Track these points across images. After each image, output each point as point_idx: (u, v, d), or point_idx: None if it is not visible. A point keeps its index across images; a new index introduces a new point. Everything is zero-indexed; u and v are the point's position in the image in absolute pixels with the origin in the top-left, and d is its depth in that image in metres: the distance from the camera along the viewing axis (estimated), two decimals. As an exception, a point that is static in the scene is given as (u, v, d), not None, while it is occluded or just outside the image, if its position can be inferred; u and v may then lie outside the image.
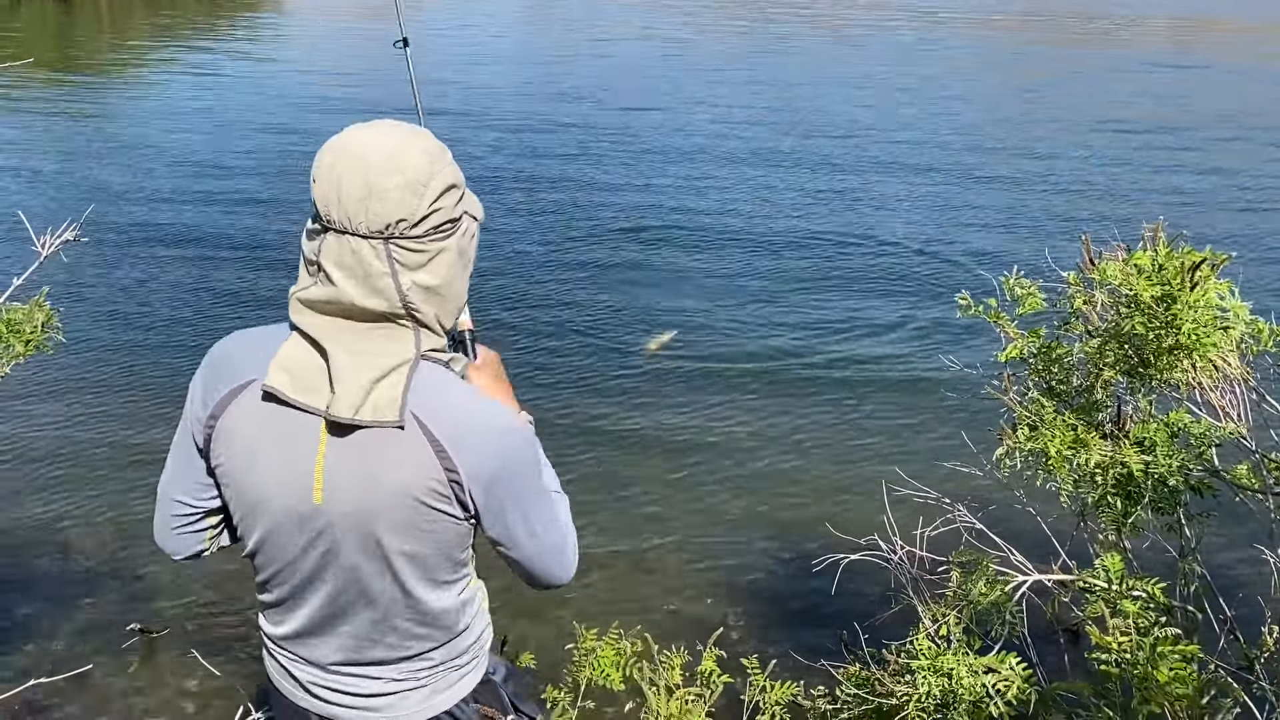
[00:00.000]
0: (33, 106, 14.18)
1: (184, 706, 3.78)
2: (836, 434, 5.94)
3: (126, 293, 7.84)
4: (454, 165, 1.63)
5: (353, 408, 1.56)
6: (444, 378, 1.65)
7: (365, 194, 1.52)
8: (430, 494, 1.61)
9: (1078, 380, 2.87)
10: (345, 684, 1.83)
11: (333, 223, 1.54)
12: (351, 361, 1.58)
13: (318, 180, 1.55)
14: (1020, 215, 10.15)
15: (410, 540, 1.67)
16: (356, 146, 1.55)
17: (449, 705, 1.87)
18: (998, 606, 2.58)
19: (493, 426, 1.66)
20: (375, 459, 1.60)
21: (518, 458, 1.69)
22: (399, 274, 1.56)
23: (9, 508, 5.01)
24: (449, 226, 1.61)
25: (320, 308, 1.59)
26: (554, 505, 1.81)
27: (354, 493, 1.63)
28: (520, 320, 7.36)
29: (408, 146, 1.56)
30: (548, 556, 1.81)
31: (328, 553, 1.69)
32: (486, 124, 13.38)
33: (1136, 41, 23.21)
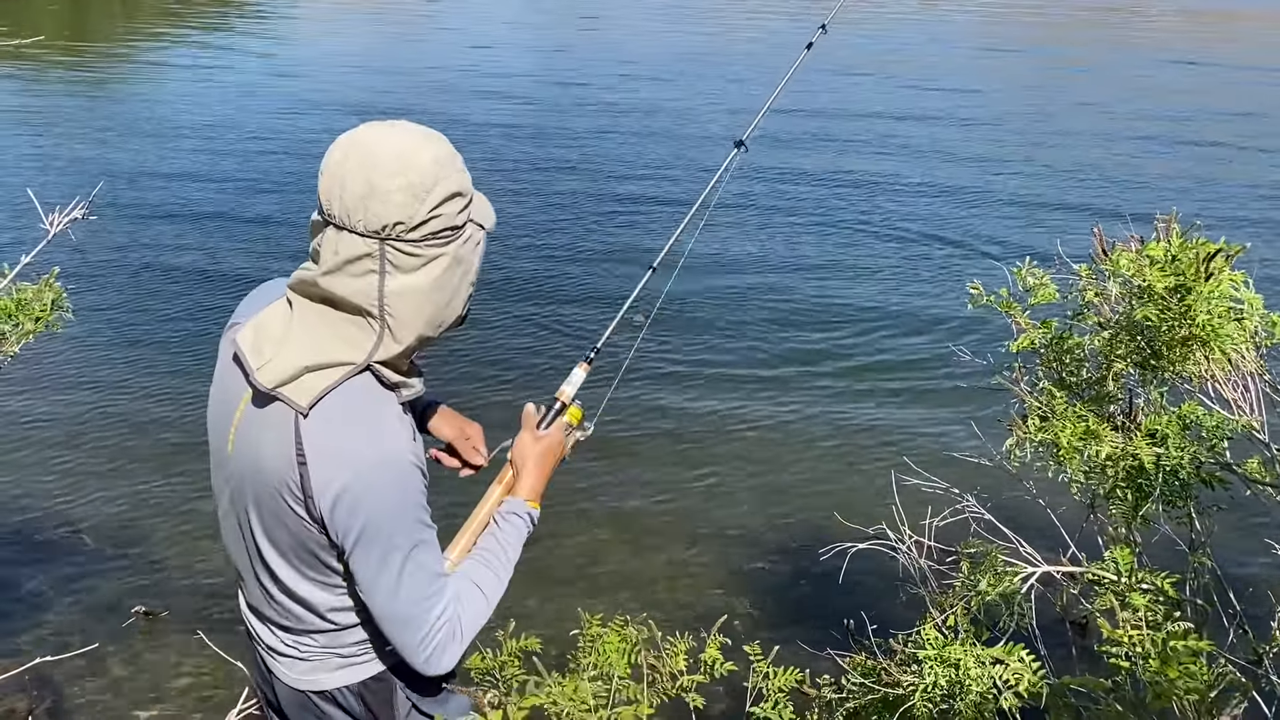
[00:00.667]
0: (44, 87, 14.20)
1: (185, 687, 3.80)
2: (845, 423, 5.93)
3: (135, 273, 7.86)
4: (463, 173, 1.62)
5: (275, 380, 1.60)
6: (366, 397, 1.64)
7: (367, 192, 1.53)
8: (286, 490, 1.64)
9: (1089, 372, 2.86)
10: (260, 632, 1.92)
11: (333, 217, 1.56)
12: (302, 341, 1.61)
13: (325, 173, 1.56)
14: (1035, 206, 10.11)
15: (269, 520, 1.71)
16: (366, 144, 1.56)
17: (331, 686, 1.89)
18: (1006, 598, 2.57)
19: (358, 453, 1.61)
20: (262, 437, 1.65)
21: (370, 492, 1.61)
22: (388, 275, 1.57)
23: (18, 486, 5.03)
24: (449, 234, 1.61)
25: (305, 289, 1.62)
26: (411, 571, 1.67)
27: (244, 457, 1.70)
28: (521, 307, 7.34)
29: (416, 149, 1.56)
30: (396, 626, 1.70)
31: (232, 498, 1.79)
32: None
33: (1160, 34, 23.07)
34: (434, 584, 1.71)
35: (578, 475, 5.21)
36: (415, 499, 1.66)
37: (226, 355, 1.76)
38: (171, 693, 3.77)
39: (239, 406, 1.71)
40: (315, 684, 1.89)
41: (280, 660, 1.90)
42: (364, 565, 1.65)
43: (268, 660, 1.93)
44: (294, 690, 1.92)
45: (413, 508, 1.65)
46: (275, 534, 1.72)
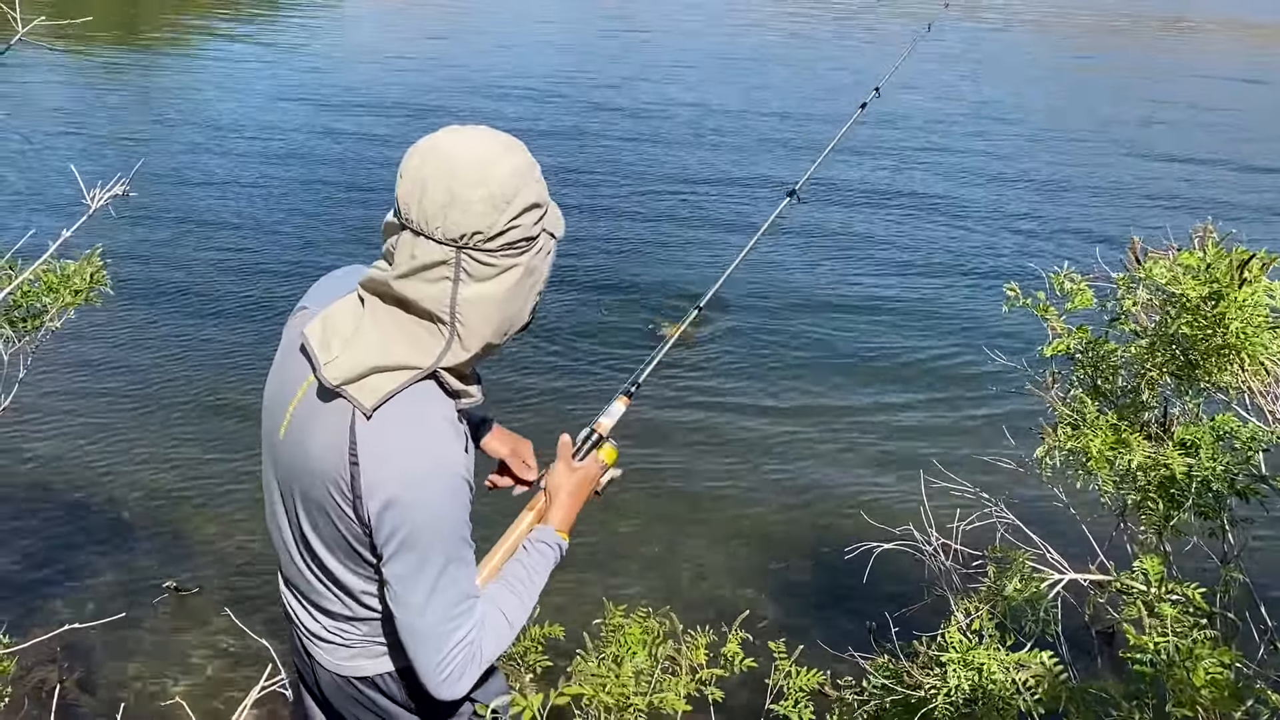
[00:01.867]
0: (92, 69, 14.39)
1: (212, 664, 3.84)
2: (875, 423, 5.91)
3: (176, 252, 7.96)
4: (540, 183, 1.63)
5: (342, 378, 1.61)
6: (427, 404, 1.65)
7: (448, 201, 1.53)
8: (335, 486, 1.65)
9: (1124, 380, 2.83)
10: (302, 616, 1.93)
11: (410, 222, 1.56)
12: (371, 340, 1.62)
13: (403, 177, 1.56)
14: (1074, 213, 10.00)
15: (314, 510, 1.72)
16: (447, 151, 1.56)
17: (373, 672, 1.90)
18: (1032, 603, 2.55)
19: (411, 461, 1.62)
20: (318, 429, 1.67)
21: (418, 499, 1.61)
22: (461, 283, 1.58)
23: (58, 460, 5.11)
24: (524, 244, 1.61)
25: (378, 289, 1.63)
26: (444, 587, 1.67)
27: (295, 445, 1.72)
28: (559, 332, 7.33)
29: (497, 160, 1.56)
30: (417, 640, 1.69)
31: (280, 480, 1.80)
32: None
33: (1211, 45, 22.77)
34: (463, 604, 1.70)
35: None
36: (459, 514, 1.66)
37: (291, 340, 1.77)
38: (199, 669, 3.81)
39: (298, 394, 1.72)
40: (358, 670, 1.90)
41: (321, 646, 1.91)
42: (398, 574, 1.65)
43: (308, 645, 1.94)
44: (336, 675, 1.93)
45: (456, 523, 1.65)
46: (320, 524, 1.73)
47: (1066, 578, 2.64)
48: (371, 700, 1.93)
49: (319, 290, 1.82)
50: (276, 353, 1.82)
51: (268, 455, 1.83)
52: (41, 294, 2.37)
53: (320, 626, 1.89)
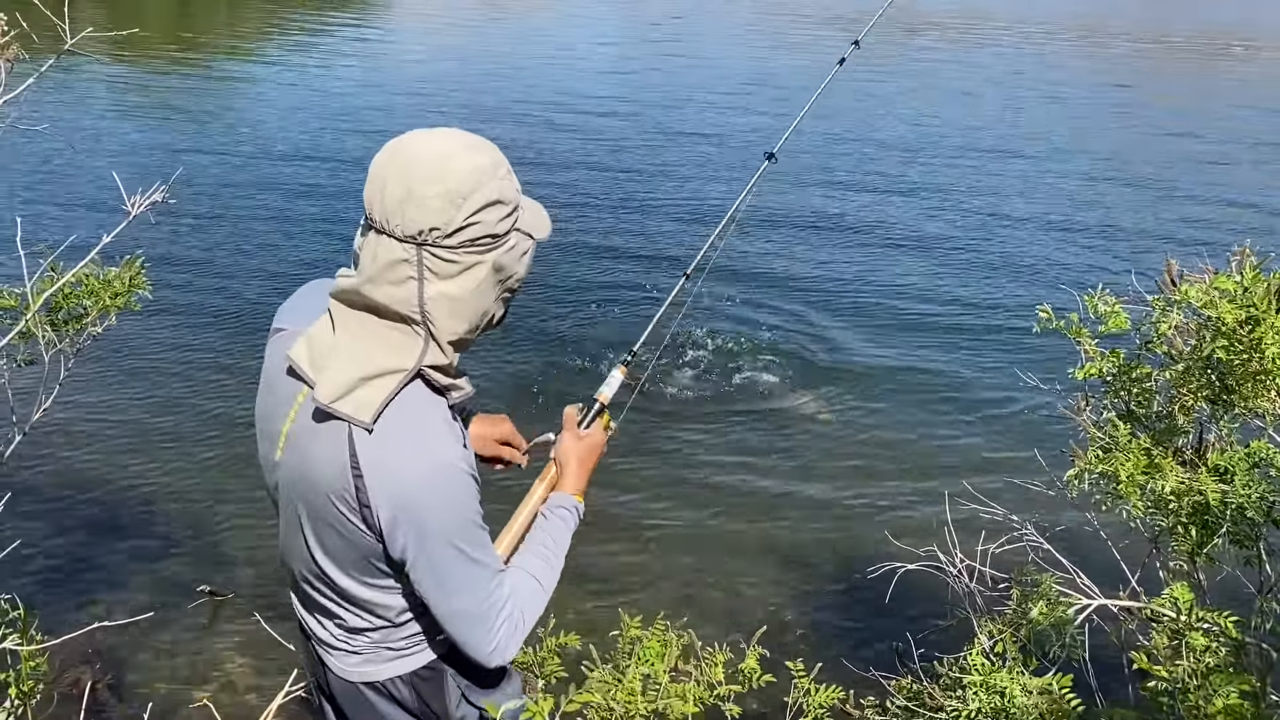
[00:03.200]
0: (139, 81, 14.71)
1: (242, 669, 3.88)
2: (903, 443, 5.88)
3: (215, 260, 8.12)
4: (505, 181, 1.62)
5: (332, 396, 1.61)
6: (419, 407, 1.65)
7: (405, 197, 1.54)
8: (341, 500, 1.65)
9: (1159, 405, 2.79)
10: (311, 624, 1.95)
11: (374, 221, 1.58)
12: (352, 350, 1.63)
13: (369, 178, 1.59)
14: (1111, 235, 9.91)
15: (320, 526, 1.72)
16: (410, 149, 1.58)
17: (383, 677, 1.91)
18: (1058, 628, 2.51)
19: (414, 467, 1.62)
20: (315, 447, 1.67)
21: (428, 501, 1.62)
22: (426, 282, 1.58)
23: (100, 463, 5.21)
24: (488, 241, 1.61)
25: (347, 298, 1.63)
26: (473, 571, 1.70)
27: (295, 466, 1.73)
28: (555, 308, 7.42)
29: (456, 156, 1.57)
30: (463, 623, 1.74)
31: (283, 501, 1.81)
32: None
33: (1256, 66, 22.45)
34: (494, 580, 1.74)
35: (627, 483, 5.24)
36: (470, 504, 1.68)
37: (275, 363, 1.78)
38: (228, 672, 3.86)
39: (290, 415, 1.73)
40: (366, 675, 1.92)
41: (332, 653, 1.93)
42: (425, 574, 1.68)
43: (319, 651, 1.96)
44: (346, 681, 1.95)
45: (468, 513, 1.67)
46: (327, 541, 1.74)
47: (1095, 603, 2.60)
48: (382, 706, 1.94)
49: (290, 311, 1.83)
50: (261, 375, 1.83)
51: (268, 476, 1.84)
52: (83, 297, 2.44)
53: (331, 635, 1.91)
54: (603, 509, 5.01)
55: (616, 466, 5.40)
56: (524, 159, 11.19)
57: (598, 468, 2.12)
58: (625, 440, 5.68)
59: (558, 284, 7.87)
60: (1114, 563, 2.90)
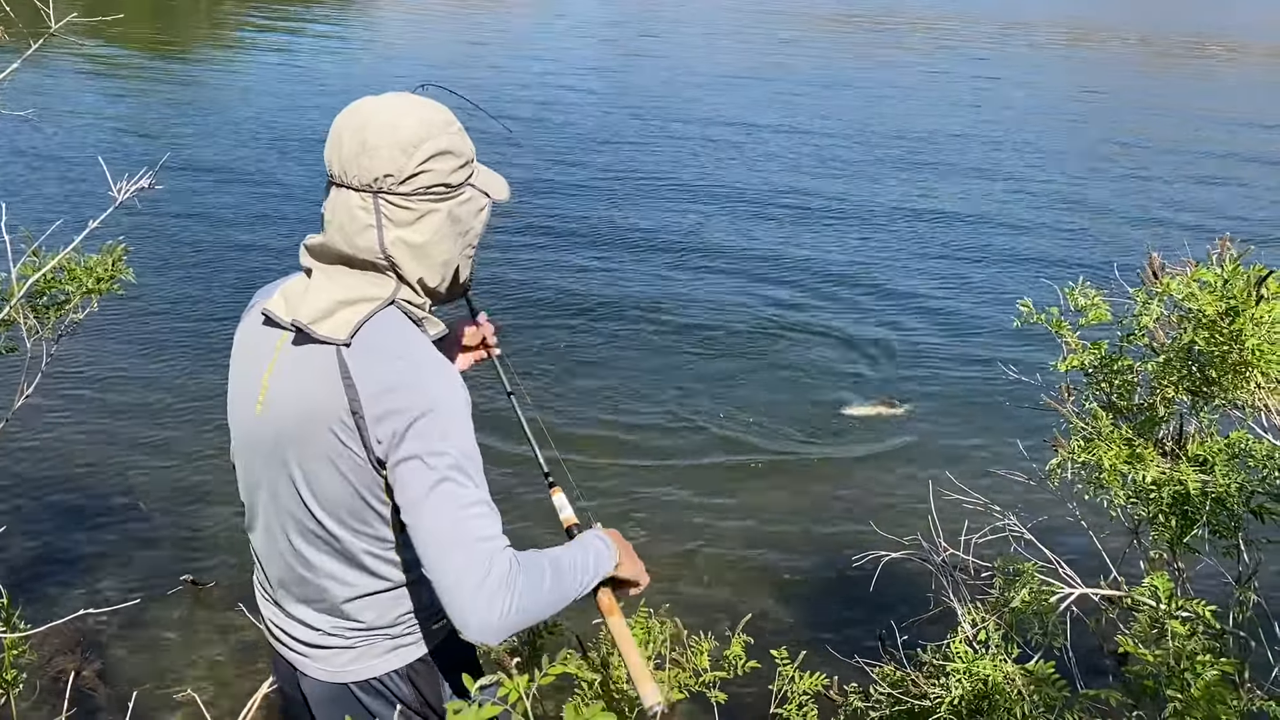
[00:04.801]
0: (123, 69, 14.61)
1: (226, 658, 3.87)
2: (887, 434, 5.91)
3: (199, 247, 8.11)
4: (460, 137, 1.74)
5: (312, 317, 1.68)
6: (400, 324, 1.71)
7: (359, 149, 1.66)
8: (338, 423, 1.66)
9: (1140, 397, 2.81)
10: (290, 627, 1.89)
11: (333, 176, 1.70)
12: (329, 284, 1.71)
13: (328, 138, 1.71)
14: (1093, 229, 10.00)
15: (317, 472, 1.71)
16: (363, 109, 1.71)
17: (378, 673, 1.85)
18: (1040, 616, 2.53)
19: (402, 359, 1.66)
20: (303, 378, 1.70)
21: (418, 386, 1.63)
22: (384, 228, 1.68)
23: (81, 451, 5.19)
24: (442, 190, 1.71)
25: (316, 252, 1.74)
26: (455, 481, 1.61)
27: (280, 406, 1.74)
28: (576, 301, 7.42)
29: (407, 112, 1.70)
30: (443, 552, 1.59)
31: (264, 466, 1.80)
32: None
33: (1236, 65, 22.63)
34: (478, 506, 1.62)
35: (606, 476, 5.24)
36: (460, 405, 1.66)
37: (248, 326, 1.84)
38: (212, 661, 3.84)
39: (270, 362, 1.76)
40: (359, 674, 1.84)
41: (319, 653, 1.85)
42: (406, 473, 1.61)
43: (297, 661, 1.89)
44: (332, 685, 1.87)
45: (459, 415, 1.65)
46: (322, 484, 1.70)
47: (1077, 592, 2.62)
48: (375, 707, 1.86)
49: (263, 294, 1.88)
50: (233, 350, 1.89)
51: (243, 453, 1.87)
52: (65, 283, 2.43)
53: (318, 633, 1.84)
54: (580, 500, 5.01)
55: (597, 459, 5.41)
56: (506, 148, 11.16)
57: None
58: (605, 434, 5.69)
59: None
60: (1095, 552, 2.93)
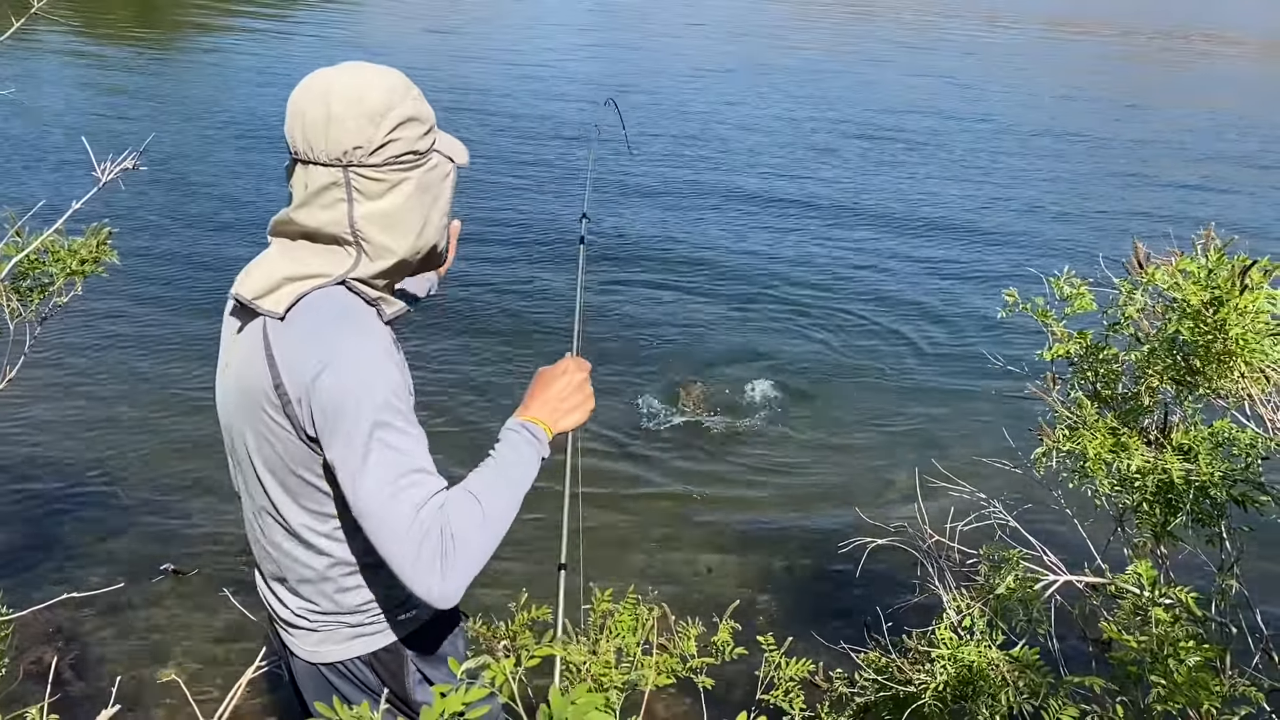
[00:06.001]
0: (110, 53, 14.48)
1: (208, 645, 3.86)
2: (873, 422, 5.94)
3: (186, 233, 8.05)
4: (422, 103, 1.71)
5: (255, 292, 1.67)
6: (340, 302, 1.67)
7: (325, 120, 1.61)
8: (266, 399, 1.67)
9: (1124, 386, 2.83)
10: (273, 602, 1.94)
11: (298, 153, 1.65)
12: (280, 259, 1.70)
13: (288, 116, 1.66)
14: (1079, 219, 10.06)
15: (259, 443, 1.72)
16: (323, 79, 1.66)
17: (342, 657, 1.89)
18: (1025, 603, 2.55)
19: (324, 339, 1.61)
20: (242, 352, 1.71)
21: (337, 369, 1.58)
22: (355, 202, 1.65)
23: (59, 438, 5.15)
24: (411, 158, 1.68)
25: (280, 228, 1.72)
26: (376, 451, 1.57)
27: (229, 378, 1.77)
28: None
29: (369, 81, 1.66)
30: (376, 527, 1.57)
31: (230, 436, 1.83)
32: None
33: (1223, 58, 22.74)
34: (407, 476, 1.57)
35: (596, 462, 5.25)
36: (384, 383, 1.60)
37: (227, 312, 1.84)
38: (194, 649, 3.83)
39: (231, 337, 1.78)
40: (325, 656, 1.89)
41: (293, 633, 1.90)
42: (335, 456, 1.59)
43: (283, 635, 1.94)
44: (307, 664, 1.93)
45: (379, 391, 1.59)
46: (267, 458, 1.72)
47: (1061, 579, 2.63)
48: (341, 691, 1.91)
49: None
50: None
51: (221, 421, 1.86)
52: (48, 265, 2.40)
53: (289, 611, 1.89)
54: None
55: (585, 445, 5.40)
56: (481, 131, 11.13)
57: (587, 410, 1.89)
58: (591, 421, 5.68)
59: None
60: (1079, 540, 2.94)
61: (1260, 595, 2.76)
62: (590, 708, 0.97)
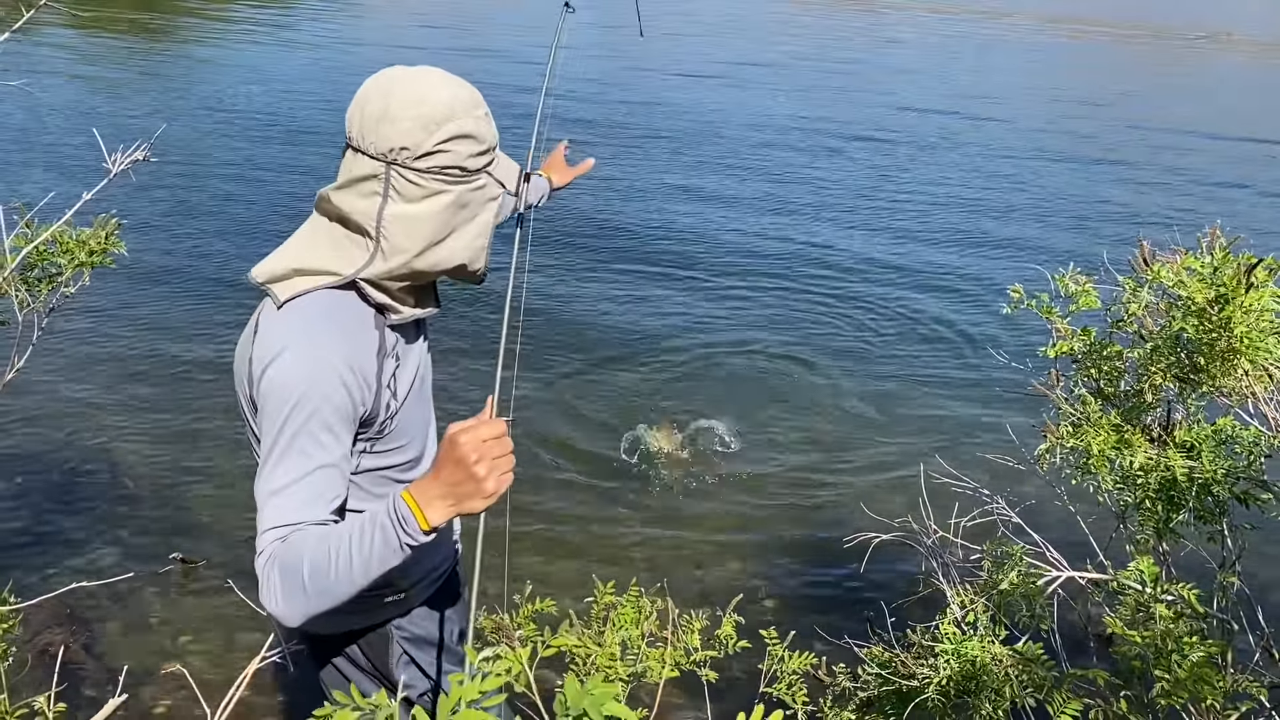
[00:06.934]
0: (118, 47, 14.48)
1: (214, 634, 3.87)
2: (877, 417, 5.94)
3: (191, 224, 8.06)
4: (486, 123, 1.70)
5: (266, 276, 1.69)
6: (336, 304, 1.68)
7: (381, 115, 1.62)
8: (245, 375, 1.71)
9: (1127, 384, 2.84)
10: None
11: (350, 139, 1.66)
12: (299, 244, 1.72)
13: (352, 102, 1.68)
14: (1082, 216, 10.05)
15: (244, 413, 1.77)
16: (393, 77, 1.67)
17: (328, 631, 1.95)
18: (1027, 598, 2.56)
19: (292, 338, 1.62)
20: (246, 331, 1.76)
21: (281, 372, 1.59)
22: (390, 200, 1.65)
23: (68, 428, 5.16)
24: (457, 174, 1.67)
25: (320, 204, 1.73)
26: (273, 463, 1.58)
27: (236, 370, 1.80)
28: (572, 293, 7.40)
29: (435, 88, 1.66)
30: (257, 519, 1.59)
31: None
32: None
33: (1225, 56, 22.70)
34: (284, 491, 1.57)
35: (598, 456, 5.25)
36: (321, 394, 1.58)
37: None
38: (201, 638, 3.84)
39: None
40: (320, 629, 1.95)
41: None
42: (263, 435, 1.62)
43: None
44: (309, 636, 1.99)
45: (316, 398, 1.58)
46: (249, 431, 1.78)
47: (1064, 575, 2.64)
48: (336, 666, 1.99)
49: None
50: None
51: None
52: (57, 255, 2.41)
53: None
54: (574, 480, 5.02)
55: (589, 438, 5.42)
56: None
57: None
58: (600, 414, 5.70)
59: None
60: (1083, 538, 2.95)
61: (1261, 593, 2.77)
62: (607, 698, 0.98)
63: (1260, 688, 2.02)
